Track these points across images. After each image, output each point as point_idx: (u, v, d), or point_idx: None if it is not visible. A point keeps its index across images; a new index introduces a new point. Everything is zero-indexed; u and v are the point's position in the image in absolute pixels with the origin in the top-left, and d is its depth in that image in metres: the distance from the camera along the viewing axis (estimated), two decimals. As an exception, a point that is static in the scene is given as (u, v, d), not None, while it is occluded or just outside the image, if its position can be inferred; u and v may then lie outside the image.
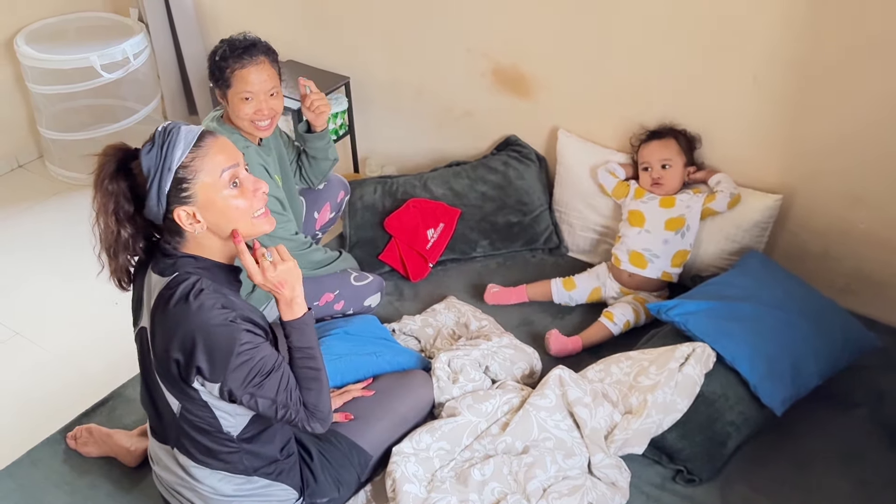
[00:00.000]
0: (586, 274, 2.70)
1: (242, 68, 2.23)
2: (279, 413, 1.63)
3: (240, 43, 2.26)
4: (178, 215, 1.56)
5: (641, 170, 2.63)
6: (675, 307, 2.26)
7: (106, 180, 1.56)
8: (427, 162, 3.29)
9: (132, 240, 1.62)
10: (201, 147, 1.56)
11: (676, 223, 2.54)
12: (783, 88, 2.36)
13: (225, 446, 1.70)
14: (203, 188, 1.56)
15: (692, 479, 2.06)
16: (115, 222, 1.58)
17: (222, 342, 1.54)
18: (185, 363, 1.56)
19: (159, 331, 1.59)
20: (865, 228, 2.45)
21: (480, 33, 2.88)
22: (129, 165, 1.58)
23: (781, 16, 2.25)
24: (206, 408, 1.64)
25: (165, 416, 1.70)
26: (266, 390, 1.60)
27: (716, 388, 2.11)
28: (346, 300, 2.53)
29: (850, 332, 2.28)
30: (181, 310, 1.55)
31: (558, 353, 2.45)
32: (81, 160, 3.78)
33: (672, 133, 2.58)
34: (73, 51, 3.52)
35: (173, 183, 1.54)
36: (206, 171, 1.56)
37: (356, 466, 1.95)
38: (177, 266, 1.61)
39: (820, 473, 2.08)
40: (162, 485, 1.86)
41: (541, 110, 2.91)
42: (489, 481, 1.95)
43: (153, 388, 1.70)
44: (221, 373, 1.55)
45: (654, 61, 2.55)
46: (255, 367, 1.58)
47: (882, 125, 2.26)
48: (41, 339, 2.97)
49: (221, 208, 1.58)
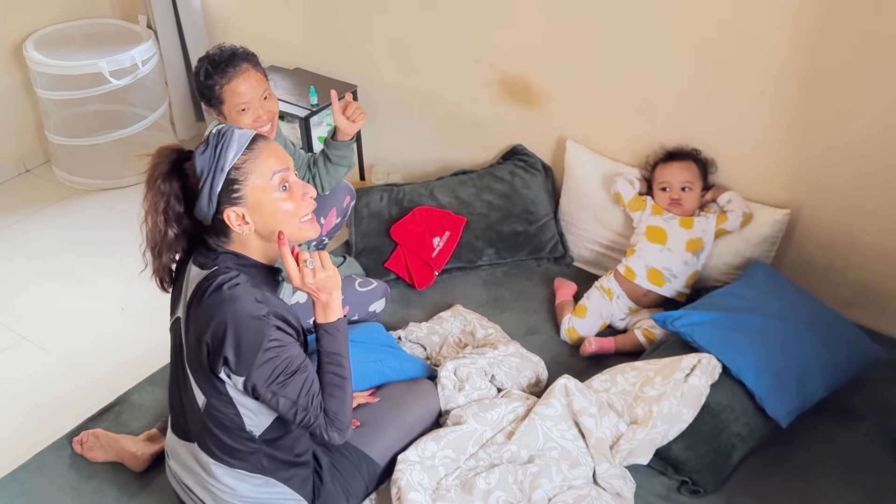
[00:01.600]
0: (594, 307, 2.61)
1: (230, 82, 2.23)
2: (298, 416, 1.65)
3: (219, 57, 2.24)
4: (228, 216, 1.60)
5: (659, 189, 2.61)
6: (681, 317, 2.26)
7: (159, 180, 1.61)
8: (433, 170, 3.31)
9: (177, 239, 1.67)
10: (253, 150, 1.61)
11: (696, 245, 2.55)
12: (790, 103, 2.37)
13: (245, 446, 1.72)
14: (254, 190, 1.60)
15: (697, 490, 2.06)
16: (163, 221, 1.63)
17: (251, 335, 1.57)
18: (215, 351, 1.59)
19: (194, 319, 1.62)
20: (871, 241, 2.45)
21: (488, 44, 2.89)
22: (181, 166, 1.63)
23: (789, 32, 2.26)
24: (230, 404, 1.66)
25: (190, 410, 1.72)
26: (289, 391, 1.62)
27: (721, 400, 2.11)
28: (352, 306, 2.54)
29: (855, 345, 2.28)
30: (216, 298, 1.58)
31: (593, 351, 2.46)
32: (89, 165, 3.80)
33: (692, 156, 2.59)
34: (82, 57, 3.54)
35: (225, 183, 1.58)
36: (257, 173, 1.60)
37: (365, 476, 1.95)
38: (218, 260, 1.65)
39: (825, 485, 2.08)
40: (176, 480, 1.87)
41: (547, 120, 2.92)
42: (494, 490, 1.95)
43: (182, 380, 1.72)
44: (247, 366, 1.58)
45: (661, 74, 2.56)
46: (280, 365, 1.60)
47: (888, 139, 2.27)
48: (48, 344, 2.97)
49: (270, 211, 1.62)
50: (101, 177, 3.82)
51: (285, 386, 1.62)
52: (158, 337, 2.93)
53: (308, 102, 3.18)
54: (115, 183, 3.83)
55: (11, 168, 3.90)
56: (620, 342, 2.50)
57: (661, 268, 2.56)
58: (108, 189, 3.83)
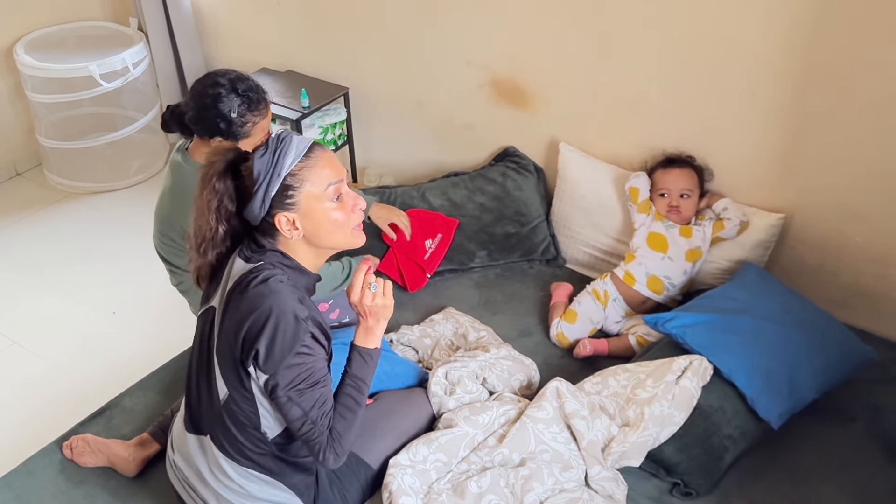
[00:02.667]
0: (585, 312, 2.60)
1: (263, 119, 2.22)
2: (305, 427, 1.66)
3: (253, 94, 2.19)
4: (279, 220, 1.63)
5: (657, 195, 2.61)
6: (672, 319, 2.26)
7: (214, 178, 1.64)
8: (425, 172, 3.30)
9: (225, 237, 1.70)
10: (310, 158, 1.63)
11: (696, 255, 2.55)
12: (781, 106, 2.38)
13: (257, 446, 1.73)
14: (307, 197, 1.63)
15: (689, 493, 2.06)
16: (215, 219, 1.66)
17: (288, 334, 1.60)
18: (249, 342, 1.60)
19: (234, 308, 1.64)
20: (862, 242, 2.46)
21: (479, 46, 2.89)
22: (237, 166, 1.66)
23: (779, 36, 2.27)
24: (251, 401, 1.68)
25: (208, 402, 1.74)
26: (304, 400, 1.64)
27: (713, 402, 2.11)
28: (341, 308, 2.53)
29: (847, 346, 2.28)
30: (262, 290, 1.62)
31: (587, 354, 2.46)
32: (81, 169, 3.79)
33: (691, 164, 2.59)
34: (73, 60, 3.54)
35: (280, 188, 1.61)
36: (312, 181, 1.63)
37: (362, 483, 1.96)
38: (265, 256, 1.68)
39: (817, 487, 2.08)
40: (176, 476, 1.88)
41: (539, 122, 2.92)
42: (486, 494, 1.95)
43: (206, 369, 1.74)
44: (275, 365, 1.60)
45: (653, 77, 2.57)
46: (304, 373, 1.63)
47: (877, 141, 2.28)
48: (39, 349, 2.97)
49: (321, 219, 1.65)
50: (92, 180, 3.82)
51: (302, 394, 1.63)
52: (150, 341, 2.95)
53: (300, 105, 3.17)
54: (106, 186, 3.83)
55: (2, 172, 3.90)
56: (613, 345, 2.50)
57: (662, 276, 2.56)
58: (99, 192, 3.83)
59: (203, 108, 2.17)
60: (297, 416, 1.65)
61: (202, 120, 2.18)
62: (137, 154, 3.88)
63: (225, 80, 2.17)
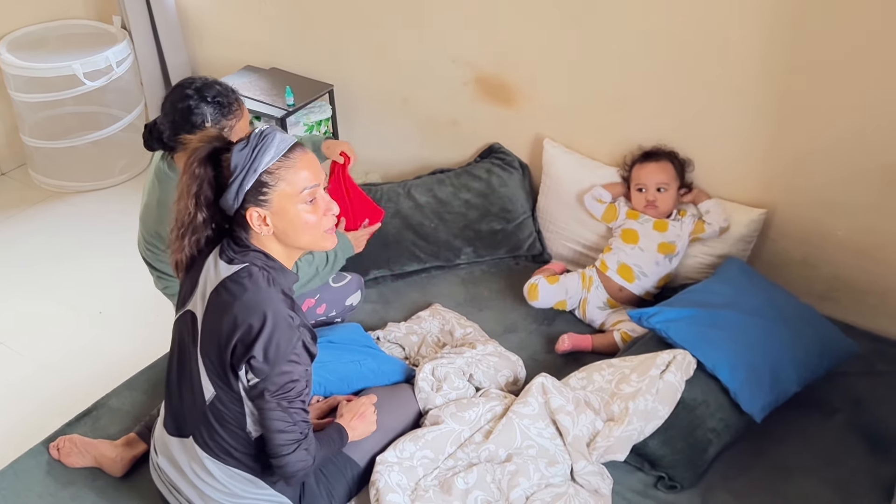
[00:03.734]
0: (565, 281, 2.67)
1: (239, 120, 2.20)
2: (288, 433, 1.68)
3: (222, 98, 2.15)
4: (251, 214, 1.65)
5: (635, 190, 2.63)
6: (656, 314, 2.28)
7: (195, 163, 1.65)
8: (411, 169, 3.31)
9: (204, 224, 1.71)
10: (290, 158, 1.66)
11: (668, 248, 2.57)
12: (764, 103, 2.40)
13: (241, 445, 1.75)
14: (280, 196, 1.65)
15: (674, 486, 2.08)
16: (194, 204, 1.67)
17: (283, 342, 1.63)
18: (245, 346, 1.62)
19: (222, 311, 1.66)
20: (843, 236, 2.49)
21: (464, 43, 2.90)
22: (220, 156, 1.67)
23: (763, 34, 2.29)
24: (238, 401, 1.70)
25: (192, 404, 1.75)
26: (292, 407, 1.67)
27: (696, 395, 2.13)
28: (328, 303, 2.53)
29: (828, 340, 2.31)
30: (256, 296, 1.64)
31: (566, 349, 2.48)
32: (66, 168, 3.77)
33: (668, 156, 2.60)
34: (56, 59, 3.52)
35: (255, 185, 1.63)
36: (288, 181, 1.65)
37: (349, 479, 1.97)
38: (248, 258, 1.70)
39: (800, 479, 2.11)
40: (161, 479, 1.88)
41: (524, 119, 2.94)
42: (473, 490, 1.96)
43: (189, 372, 1.75)
44: (268, 371, 1.63)
45: (638, 74, 2.58)
46: (292, 381, 1.66)
47: (859, 137, 2.31)
48: (24, 349, 2.96)
49: (292, 219, 1.68)
50: (77, 179, 3.80)
51: (292, 402, 1.67)
52: (136, 340, 2.95)
53: (284, 103, 3.17)
54: (92, 185, 3.82)
55: (-14, 171, 3.88)
56: (598, 341, 2.52)
57: (632, 264, 2.58)
58: (85, 191, 3.81)
59: (176, 124, 2.13)
60: (283, 422, 1.67)
61: (178, 135, 2.14)
62: (122, 153, 3.86)
63: (192, 91, 2.13)
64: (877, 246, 2.45)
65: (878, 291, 2.52)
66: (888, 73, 2.17)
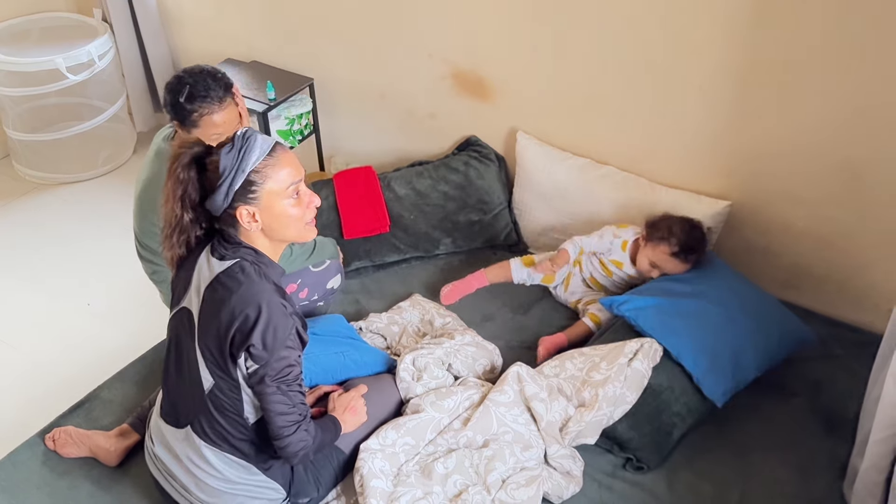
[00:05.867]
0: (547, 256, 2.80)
1: (211, 114, 2.24)
2: (290, 415, 1.79)
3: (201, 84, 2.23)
4: (241, 212, 1.74)
5: (648, 263, 2.54)
6: (626, 302, 2.39)
7: (179, 168, 1.73)
8: (391, 160, 3.39)
9: (192, 225, 1.79)
10: (273, 156, 1.75)
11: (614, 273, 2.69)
12: (726, 99, 2.48)
13: (238, 431, 1.85)
14: (268, 193, 1.74)
15: (641, 467, 2.20)
16: (180, 207, 1.75)
17: (280, 329, 1.73)
18: (244, 335, 1.72)
19: (219, 304, 1.75)
20: (803, 226, 2.59)
21: (441, 39, 2.97)
22: (203, 160, 1.75)
23: (723, 33, 2.37)
24: (237, 389, 1.80)
25: (190, 395, 1.85)
26: (291, 390, 1.78)
27: (662, 381, 2.24)
28: (310, 287, 2.59)
29: (787, 327, 2.42)
30: (252, 288, 1.74)
31: (549, 352, 2.55)
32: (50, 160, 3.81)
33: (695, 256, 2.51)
34: (38, 52, 3.54)
35: (244, 184, 1.71)
36: (274, 178, 1.74)
37: (335, 467, 2.06)
38: (239, 253, 1.79)
39: (760, 460, 2.23)
40: (157, 468, 1.98)
41: (499, 113, 3.01)
42: (452, 474, 2.07)
43: (187, 364, 1.85)
44: (267, 356, 1.73)
45: (605, 70, 2.66)
46: (289, 366, 1.77)
47: (817, 131, 2.40)
48: (16, 342, 3.01)
49: (279, 213, 1.77)
50: (62, 171, 3.84)
51: (290, 385, 1.78)
52: (126, 332, 3.01)
53: (266, 97, 3.23)
54: (76, 177, 3.86)
55: (-29, 164, 3.91)
56: (571, 334, 2.61)
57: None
58: (69, 183, 3.85)
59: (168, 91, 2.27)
60: (284, 404, 1.77)
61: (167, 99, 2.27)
62: (105, 144, 3.91)
63: (194, 69, 2.27)
64: (835, 235, 2.56)
65: (836, 279, 2.63)
66: (845, 73, 2.26)
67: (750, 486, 2.16)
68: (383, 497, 1.99)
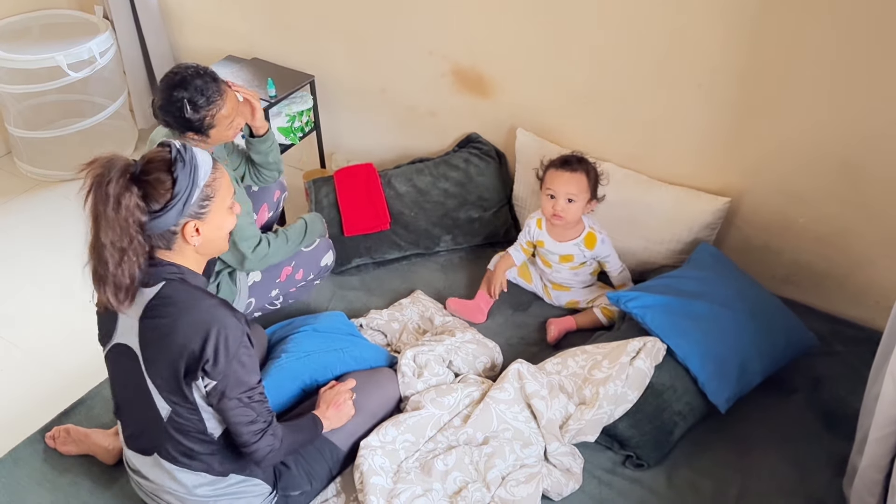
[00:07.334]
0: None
1: (220, 109, 2.26)
2: (256, 424, 1.76)
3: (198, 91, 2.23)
4: (189, 227, 1.71)
5: (546, 195, 2.59)
6: (633, 299, 2.37)
7: (120, 194, 1.62)
8: (392, 157, 3.39)
9: (140, 248, 1.68)
10: (217, 170, 1.75)
11: (568, 259, 2.68)
12: (727, 96, 2.48)
13: (206, 448, 1.82)
14: (216, 206, 1.75)
15: (641, 464, 2.20)
16: (128, 231, 1.64)
17: (231, 341, 1.69)
18: (198, 356, 1.68)
19: (164, 331, 1.70)
20: (804, 224, 2.59)
21: (441, 36, 2.97)
22: (136, 178, 1.66)
23: (723, 31, 2.37)
24: (195, 410, 1.77)
25: (149, 424, 1.80)
26: (253, 401, 1.76)
27: (665, 380, 2.24)
28: (304, 267, 2.61)
29: (792, 333, 2.41)
30: (193, 304, 1.70)
31: (559, 335, 2.59)
32: (51, 157, 3.82)
33: (584, 167, 2.58)
34: (39, 50, 3.54)
35: (198, 198, 1.69)
36: (222, 190, 1.75)
37: (328, 461, 2.06)
38: (162, 275, 1.73)
39: (759, 456, 2.23)
40: (143, 491, 1.96)
41: (500, 109, 3.02)
42: (452, 471, 2.08)
43: (140, 397, 1.79)
44: (223, 370, 1.69)
45: (605, 67, 2.66)
46: (247, 375, 1.73)
47: (818, 129, 2.40)
48: (17, 339, 3.01)
49: (219, 225, 1.78)
50: (63, 168, 3.84)
51: (252, 397, 1.75)
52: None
53: (266, 94, 3.23)
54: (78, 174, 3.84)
55: (-28, 161, 3.91)
56: (581, 320, 2.63)
57: (560, 281, 2.75)
58: (71, 180, 3.85)
59: (168, 110, 2.25)
60: (247, 416, 1.75)
61: (172, 119, 2.27)
62: (106, 142, 3.90)
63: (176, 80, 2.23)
64: (836, 233, 2.56)
65: (836, 275, 2.64)
66: (847, 71, 2.26)
67: (749, 483, 2.17)
68: (383, 494, 2.00)
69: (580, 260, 2.66)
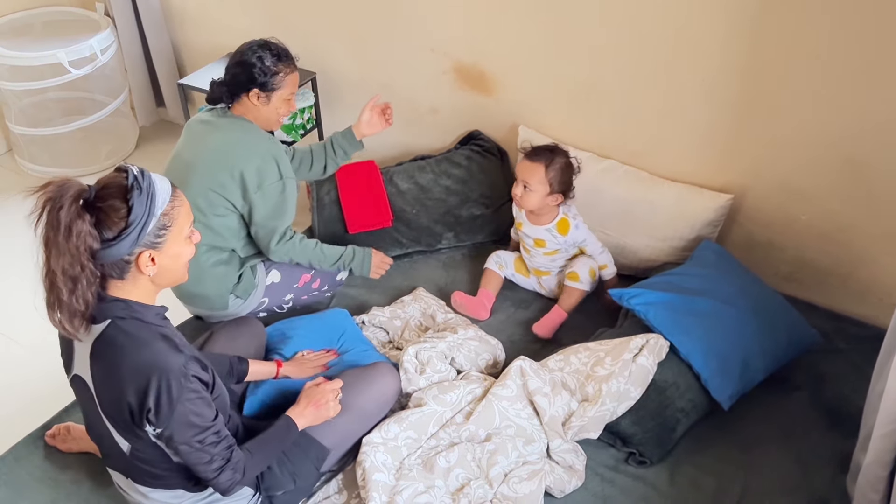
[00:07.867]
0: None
1: (292, 73, 2.39)
2: (214, 462, 1.72)
3: (279, 49, 2.37)
4: (143, 257, 1.62)
5: (521, 185, 2.59)
6: (636, 296, 2.36)
7: (71, 221, 1.56)
8: (393, 155, 3.38)
9: (93, 275, 1.61)
10: (176, 198, 1.67)
11: (540, 244, 2.69)
12: (730, 94, 2.48)
13: (176, 472, 1.80)
14: (173, 235, 1.66)
15: (643, 461, 2.20)
16: (78, 259, 1.58)
17: (173, 388, 1.61)
18: (139, 406, 1.62)
19: (108, 374, 1.65)
20: (807, 221, 2.59)
21: (443, 33, 2.96)
22: (91, 203, 1.59)
23: (724, 28, 2.37)
24: (154, 446, 1.72)
25: (116, 454, 1.78)
26: (206, 443, 1.69)
27: (667, 377, 2.24)
28: (321, 278, 2.62)
29: (796, 330, 2.41)
30: (133, 348, 1.62)
31: (549, 334, 2.58)
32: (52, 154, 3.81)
33: (545, 159, 2.55)
34: (40, 46, 3.54)
35: (154, 227, 1.62)
36: (179, 221, 1.67)
37: (313, 460, 2.02)
38: (108, 312, 1.65)
39: (762, 453, 2.23)
40: (127, 500, 1.95)
41: (502, 107, 3.01)
42: (454, 468, 2.08)
43: (102, 429, 1.75)
44: (167, 418, 1.62)
45: (608, 65, 2.66)
46: (197, 418, 1.66)
47: (820, 126, 2.39)
48: (17, 335, 3.01)
49: (176, 254, 1.69)
50: (64, 165, 3.84)
51: (203, 441, 1.68)
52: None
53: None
54: (78, 171, 3.86)
55: (-27, 158, 3.91)
56: (564, 303, 2.63)
57: (538, 266, 2.76)
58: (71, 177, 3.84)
59: (239, 65, 2.33)
60: (204, 460, 1.70)
61: (240, 74, 2.32)
62: (107, 139, 3.91)
63: (254, 43, 2.36)
64: (838, 230, 2.55)
65: (839, 273, 2.63)
66: (849, 68, 2.26)
67: (752, 480, 2.16)
68: (385, 491, 1.99)
69: (553, 246, 2.66)
